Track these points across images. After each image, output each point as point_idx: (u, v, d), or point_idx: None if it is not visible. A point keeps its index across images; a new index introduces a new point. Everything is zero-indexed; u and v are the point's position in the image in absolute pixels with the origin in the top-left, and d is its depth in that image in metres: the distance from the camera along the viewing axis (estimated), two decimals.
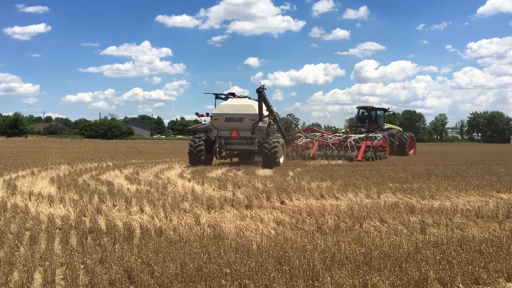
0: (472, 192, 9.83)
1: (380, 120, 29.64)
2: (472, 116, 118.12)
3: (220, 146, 17.64)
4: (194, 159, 17.34)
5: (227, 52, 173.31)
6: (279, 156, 17.16)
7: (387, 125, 30.65)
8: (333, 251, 5.01)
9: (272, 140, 16.95)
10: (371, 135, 23.94)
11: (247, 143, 17.73)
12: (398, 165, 17.81)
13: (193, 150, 17.41)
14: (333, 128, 31.36)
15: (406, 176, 12.94)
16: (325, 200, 8.89)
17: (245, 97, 18.98)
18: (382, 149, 24.01)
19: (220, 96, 18.78)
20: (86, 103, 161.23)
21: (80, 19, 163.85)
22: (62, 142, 61.62)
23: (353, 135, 23.72)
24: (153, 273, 4.39)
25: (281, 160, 17.59)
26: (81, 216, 7.27)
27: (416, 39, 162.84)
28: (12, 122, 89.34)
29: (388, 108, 30.94)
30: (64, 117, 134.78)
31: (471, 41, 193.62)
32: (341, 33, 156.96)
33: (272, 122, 18.71)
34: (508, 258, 4.70)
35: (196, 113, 18.75)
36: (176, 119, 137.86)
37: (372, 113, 29.73)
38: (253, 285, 4.08)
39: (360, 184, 10.86)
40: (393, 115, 34.02)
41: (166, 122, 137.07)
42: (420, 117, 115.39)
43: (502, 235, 5.90)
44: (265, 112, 17.81)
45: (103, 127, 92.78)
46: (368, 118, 29.57)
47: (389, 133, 27.98)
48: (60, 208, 7.98)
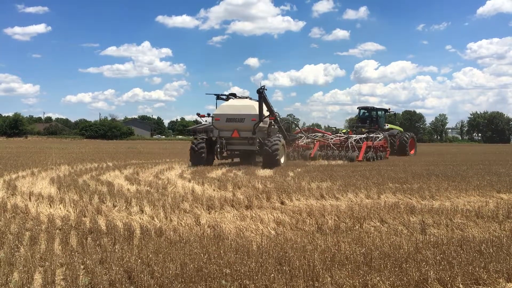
0: (472, 193, 9.82)
1: (381, 121, 29.65)
2: (472, 117, 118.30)
3: (221, 147, 17.67)
4: (196, 160, 17.38)
5: (227, 53, 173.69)
6: (280, 157, 17.19)
7: (388, 126, 30.65)
8: (333, 252, 5.01)
9: (273, 141, 16.98)
10: (372, 136, 23.94)
11: (248, 144, 17.74)
12: (398, 166, 17.80)
13: (195, 151, 17.45)
14: (334, 129, 31.33)
15: (406, 177, 12.93)
16: (325, 201, 8.89)
17: (246, 98, 19.01)
18: (383, 150, 24.00)
19: (221, 97, 18.85)
20: (86, 104, 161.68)
21: (80, 20, 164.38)
22: (62, 143, 61.64)
23: (354, 136, 23.73)
24: (153, 274, 4.39)
25: (282, 160, 17.60)
26: (81, 217, 7.27)
27: (416, 40, 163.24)
28: (12, 123, 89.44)
29: (389, 109, 30.97)
30: (64, 118, 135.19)
31: (471, 42, 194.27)
32: (341, 34, 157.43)
33: (273, 123, 18.76)
34: (508, 259, 4.69)
35: (198, 114, 18.81)
36: (176, 120, 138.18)
37: (373, 114, 29.74)
38: (253, 286, 4.08)
39: (360, 185, 10.86)
40: (394, 116, 34.03)
41: (166, 123, 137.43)
42: (420, 118, 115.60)
43: (502, 236, 5.90)
44: (266, 113, 17.85)
45: (103, 128, 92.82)
46: (369, 119, 29.59)
47: (390, 134, 27.97)
48: (60, 209, 7.98)
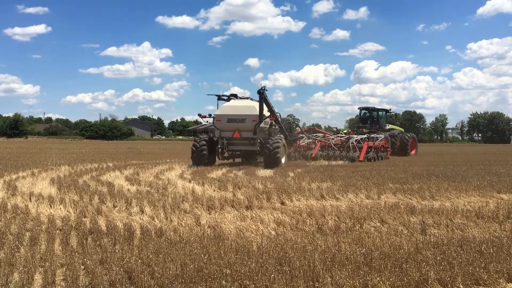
0: (473, 193, 9.81)
1: (382, 121, 29.67)
2: (472, 117, 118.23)
3: (223, 147, 17.71)
4: (197, 160, 17.43)
5: (227, 53, 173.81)
6: (281, 157, 17.22)
7: (389, 126, 30.68)
8: (334, 252, 5.01)
9: (274, 141, 17.04)
10: (373, 136, 23.98)
11: (249, 144, 17.78)
12: (399, 166, 17.79)
13: (196, 151, 17.50)
14: (335, 129, 31.32)
15: (407, 177, 12.93)
16: (326, 201, 8.89)
17: (247, 99, 19.06)
18: (384, 150, 24.02)
19: (223, 98, 18.93)
20: (86, 104, 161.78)
21: (80, 20, 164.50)
22: (62, 143, 61.64)
23: (355, 136, 23.76)
24: (154, 274, 4.39)
25: (283, 161, 17.64)
26: (82, 217, 7.27)
27: (416, 40, 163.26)
28: (12, 123, 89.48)
29: (390, 109, 30.99)
30: (64, 118, 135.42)
31: (471, 42, 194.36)
32: (341, 34, 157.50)
33: (274, 123, 18.79)
34: (509, 259, 4.69)
35: (199, 114, 18.85)
36: (176, 120, 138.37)
37: (374, 114, 29.76)
38: (254, 286, 4.08)
39: (361, 185, 10.86)
40: (395, 116, 34.03)
41: (166, 123, 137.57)
42: (420, 118, 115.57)
43: (503, 236, 5.90)
44: (267, 113, 17.89)
45: (103, 128, 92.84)
46: (370, 119, 29.61)
47: (391, 134, 28.00)
48: (61, 209, 7.98)
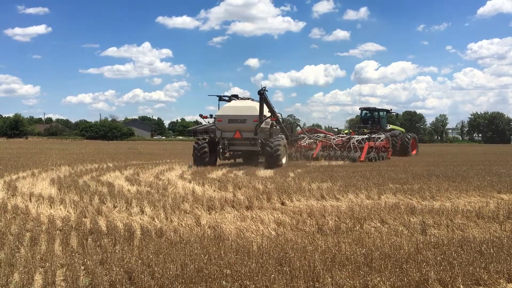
0: (473, 193, 9.81)
1: (383, 121, 29.69)
2: (473, 117, 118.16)
3: (224, 147, 17.75)
4: (199, 160, 17.47)
5: (228, 53, 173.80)
6: (282, 157, 17.25)
7: (390, 126, 30.70)
8: (334, 252, 5.00)
9: (275, 141, 17.10)
10: (374, 136, 24.02)
11: (250, 144, 17.82)
12: (399, 166, 17.79)
13: (198, 151, 17.54)
14: (336, 129, 31.34)
15: (407, 177, 12.93)
16: (326, 201, 8.88)
17: (248, 99, 19.10)
18: (385, 150, 24.07)
19: (224, 98, 19.01)
20: (87, 104, 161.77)
21: (81, 20, 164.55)
22: (63, 143, 61.69)
23: (356, 136, 23.80)
24: (154, 274, 4.38)
25: (284, 161, 17.68)
26: (82, 217, 7.27)
27: (416, 40, 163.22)
28: (13, 123, 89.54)
29: (391, 109, 31.00)
30: (65, 118, 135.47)
31: (472, 42, 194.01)
32: (342, 34, 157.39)
33: (275, 123, 18.82)
34: (509, 259, 4.69)
35: (200, 115, 18.89)
36: (177, 120, 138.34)
37: (375, 114, 29.77)
38: (254, 286, 4.08)
39: (361, 185, 10.86)
40: (396, 116, 34.01)
41: (167, 123, 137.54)
42: (421, 118, 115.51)
43: (503, 236, 5.89)
44: (267, 114, 17.92)
45: (104, 128, 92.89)
46: (371, 119, 29.63)
47: (392, 134, 28.02)
48: (61, 209, 7.98)
